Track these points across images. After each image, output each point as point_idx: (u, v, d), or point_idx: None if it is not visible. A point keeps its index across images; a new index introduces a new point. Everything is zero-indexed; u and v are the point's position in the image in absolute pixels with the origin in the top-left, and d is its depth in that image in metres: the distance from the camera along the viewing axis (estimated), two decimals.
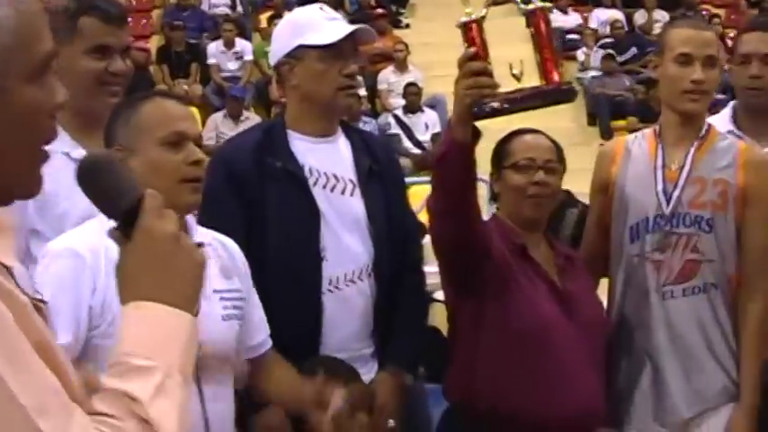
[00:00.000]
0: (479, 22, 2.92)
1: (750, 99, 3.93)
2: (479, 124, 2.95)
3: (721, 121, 3.90)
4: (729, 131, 3.79)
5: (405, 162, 12.25)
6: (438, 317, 3.63)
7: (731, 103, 4.04)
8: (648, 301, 3.45)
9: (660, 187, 3.48)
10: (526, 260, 3.29)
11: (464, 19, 2.93)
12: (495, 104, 2.87)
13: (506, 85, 2.94)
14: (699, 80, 3.41)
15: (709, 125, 3.56)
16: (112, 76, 3.02)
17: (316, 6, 3.46)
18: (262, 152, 3.29)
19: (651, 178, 3.50)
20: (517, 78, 2.92)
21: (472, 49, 2.90)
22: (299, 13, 3.57)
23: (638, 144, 3.59)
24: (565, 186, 3.51)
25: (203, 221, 3.01)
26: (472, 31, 2.92)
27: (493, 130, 3.16)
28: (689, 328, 3.42)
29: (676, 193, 3.46)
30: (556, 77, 2.95)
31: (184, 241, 1.59)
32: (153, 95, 2.83)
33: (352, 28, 3.36)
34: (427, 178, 5.88)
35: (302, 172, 3.30)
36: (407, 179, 9.57)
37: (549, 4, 3.05)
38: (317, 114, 3.34)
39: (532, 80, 2.95)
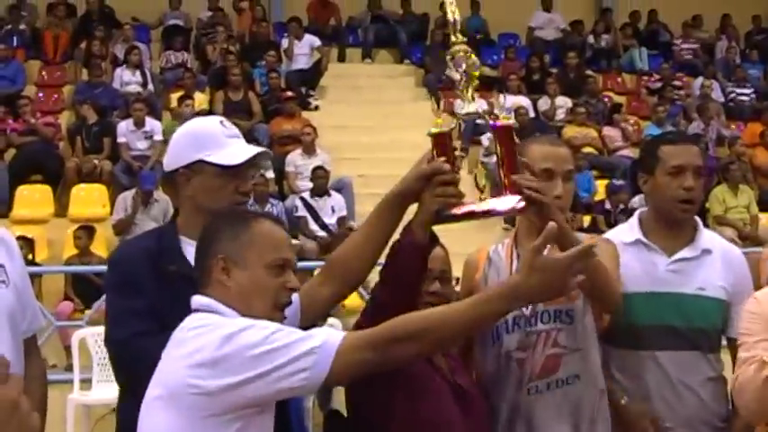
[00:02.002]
0: (450, 133, 3.12)
1: (677, 212, 3.94)
2: None
3: (629, 230, 4.05)
4: (637, 240, 3.97)
5: (311, 245, 12.39)
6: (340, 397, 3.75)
7: (637, 214, 4.12)
8: (514, 398, 3.62)
9: None
10: (430, 363, 3.39)
11: (434, 130, 3.13)
12: (458, 212, 3.11)
13: None
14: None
15: None
16: None
17: (216, 120, 3.50)
18: (155, 257, 3.32)
19: None
20: (481, 190, 3.12)
21: (444, 164, 3.09)
22: (199, 125, 3.52)
23: (497, 252, 3.78)
24: None
25: (109, 320, 3.21)
26: (443, 142, 3.12)
27: None
28: (554, 422, 3.58)
29: None
30: (512, 192, 3.11)
31: (22, 408, 1.68)
32: (262, 217, 2.99)
33: (254, 152, 3.40)
34: None
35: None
36: (313, 263, 9.81)
37: (514, 122, 3.21)
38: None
39: None
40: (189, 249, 3.34)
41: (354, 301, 8.47)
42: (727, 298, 3.95)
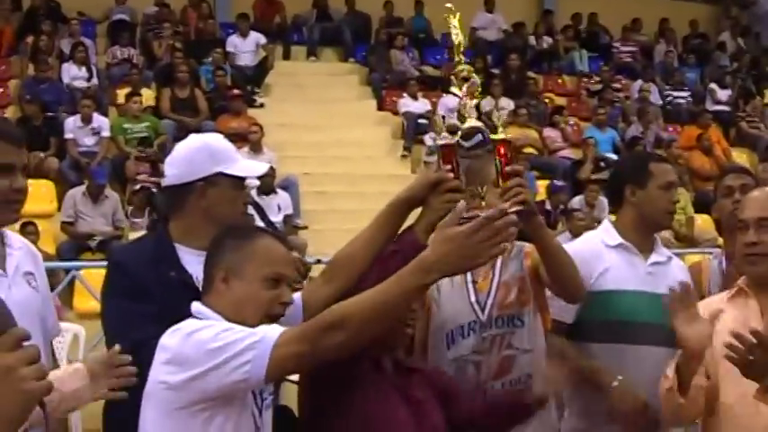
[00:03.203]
0: (455, 145, 3.35)
1: (666, 222, 4.40)
2: None
3: (607, 234, 4.38)
4: (620, 244, 4.31)
5: None
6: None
7: (608, 220, 4.55)
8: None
9: (473, 298, 3.98)
10: (379, 372, 3.57)
11: (440, 142, 3.38)
12: (467, 216, 3.25)
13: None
14: None
15: None
16: (16, 193, 3.19)
17: (220, 136, 3.79)
18: (157, 263, 3.52)
19: (464, 292, 3.99)
20: (482, 197, 3.33)
21: (450, 171, 3.33)
22: (212, 140, 3.73)
23: None
24: None
25: (118, 323, 3.44)
26: (449, 152, 3.36)
27: None
28: None
29: (489, 301, 3.97)
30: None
31: (17, 374, 1.77)
32: (264, 232, 3.22)
33: (266, 167, 3.80)
34: None
35: (193, 282, 3.49)
36: None
37: (511, 137, 3.48)
38: (212, 231, 3.41)
39: None
40: (185, 258, 3.57)
41: None
42: None
